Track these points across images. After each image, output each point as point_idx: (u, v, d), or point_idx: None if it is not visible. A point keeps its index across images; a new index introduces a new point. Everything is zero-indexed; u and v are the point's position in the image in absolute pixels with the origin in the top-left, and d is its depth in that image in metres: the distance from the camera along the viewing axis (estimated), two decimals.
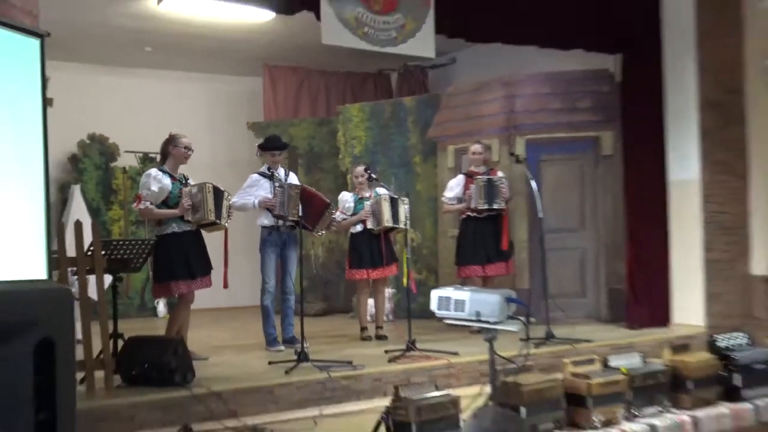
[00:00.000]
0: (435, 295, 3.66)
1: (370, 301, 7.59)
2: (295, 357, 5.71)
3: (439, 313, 3.67)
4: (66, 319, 1.16)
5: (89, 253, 5.38)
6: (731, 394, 5.29)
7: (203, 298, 6.79)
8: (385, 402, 4.24)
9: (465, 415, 4.08)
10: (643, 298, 7.42)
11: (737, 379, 5.33)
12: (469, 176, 7.46)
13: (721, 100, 7.49)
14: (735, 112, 7.60)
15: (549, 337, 6.45)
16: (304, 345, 5.85)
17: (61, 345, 1.13)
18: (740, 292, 7.50)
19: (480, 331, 3.92)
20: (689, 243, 7.40)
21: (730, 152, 7.54)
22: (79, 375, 4.94)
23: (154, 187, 6.16)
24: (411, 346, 6.12)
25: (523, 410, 4.31)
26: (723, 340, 5.57)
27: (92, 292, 5.53)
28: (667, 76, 7.59)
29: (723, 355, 5.41)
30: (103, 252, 5.47)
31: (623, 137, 7.74)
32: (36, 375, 1.10)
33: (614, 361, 5.02)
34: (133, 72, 10.82)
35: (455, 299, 3.51)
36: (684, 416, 4.95)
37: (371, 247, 7.25)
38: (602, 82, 8.30)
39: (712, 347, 5.51)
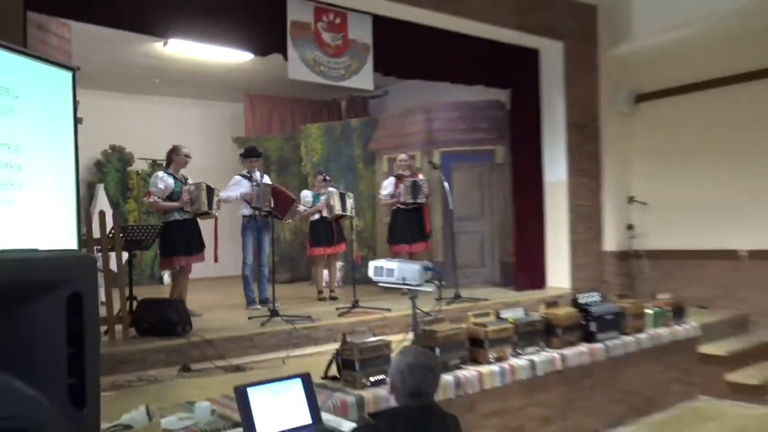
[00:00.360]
0: (372, 265, 3.66)
1: (325, 272, 7.58)
2: (268, 313, 5.68)
3: (375, 278, 3.67)
4: (91, 279, 1.16)
5: (110, 235, 5.28)
6: (588, 337, 5.30)
7: (199, 270, 6.71)
8: (336, 346, 4.24)
9: (394, 354, 4.12)
10: (526, 268, 7.49)
11: (593, 326, 5.33)
12: (398, 178, 7.48)
13: (582, 123, 7.62)
14: (592, 132, 7.73)
15: (457, 297, 6.50)
16: (275, 304, 5.83)
17: (87, 298, 1.13)
18: (595, 263, 7.65)
19: (406, 293, 3.94)
20: (559, 227, 7.50)
21: (588, 161, 7.66)
22: (103, 328, 4.86)
23: (161, 186, 6.08)
24: (355, 304, 6.15)
25: (437, 350, 4.34)
26: (582, 298, 5.57)
27: (112, 266, 5.44)
28: (543, 105, 7.66)
29: (582, 309, 5.40)
30: (121, 234, 5.37)
31: (511, 150, 7.82)
32: (68, 319, 1.10)
33: (504, 314, 4.97)
34: (144, 98, 10.60)
35: (387, 268, 3.52)
36: (554, 354, 4.93)
37: (326, 231, 7.24)
38: (496, 109, 8.39)
39: (575, 303, 5.50)
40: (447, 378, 4.26)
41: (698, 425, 5.37)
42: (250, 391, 2.89)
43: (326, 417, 3.15)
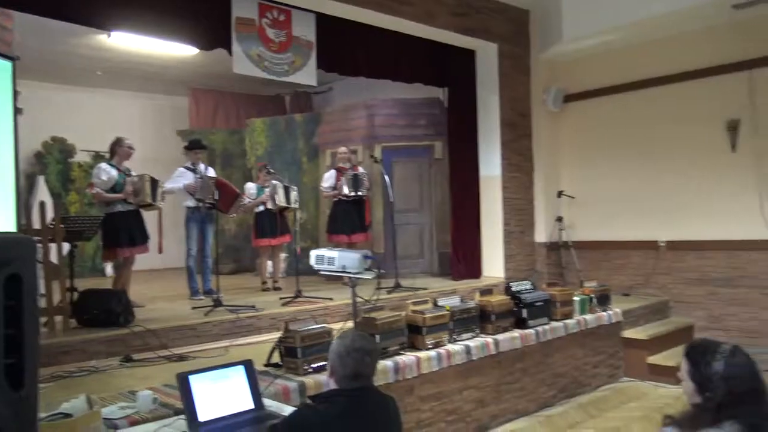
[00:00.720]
0: (313, 254, 3.64)
1: (269, 263, 7.51)
2: (212, 303, 5.60)
3: (316, 266, 3.65)
4: (30, 260, 1.12)
5: (51, 226, 5.09)
6: (520, 323, 5.38)
7: (143, 261, 6.55)
8: (279, 335, 4.22)
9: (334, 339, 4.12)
10: (463, 258, 7.56)
11: (524, 313, 5.42)
12: (339, 171, 7.48)
13: (515, 121, 7.75)
14: (524, 129, 7.87)
15: (397, 287, 6.53)
16: (219, 294, 5.76)
17: (26, 279, 1.10)
18: (527, 253, 7.81)
19: (348, 283, 3.93)
20: (493, 220, 7.59)
21: (520, 157, 7.80)
22: (42, 320, 4.69)
23: (104, 177, 5.90)
24: (298, 294, 6.11)
25: (377, 337, 4.37)
26: (515, 286, 5.64)
27: (53, 258, 5.25)
28: (479, 104, 7.73)
29: (515, 297, 5.48)
30: (62, 225, 5.18)
31: (449, 146, 7.89)
32: (6, 300, 1.06)
33: (441, 302, 5.01)
34: (88, 90, 10.25)
35: (328, 256, 3.51)
36: (488, 339, 5.02)
37: (271, 222, 7.16)
38: (435, 106, 8.45)
39: (508, 291, 5.59)
40: (387, 363, 4.30)
41: (621, 405, 5.58)
42: (191, 378, 2.85)
43: (268, 402, 3.14)
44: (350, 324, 4.49)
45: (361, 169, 7.52)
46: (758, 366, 1.98)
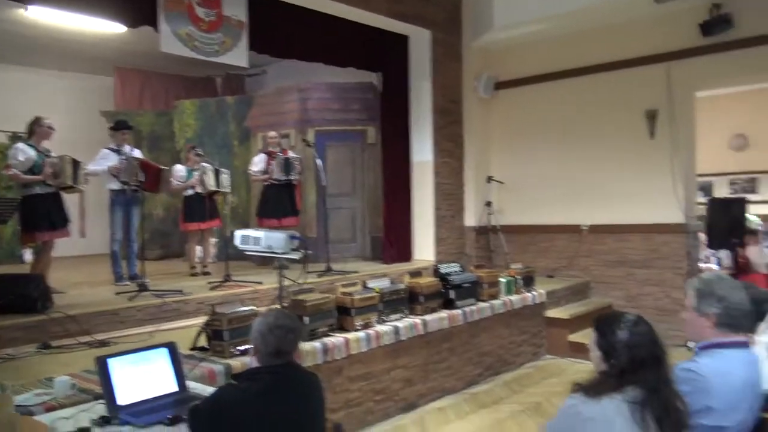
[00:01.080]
0: (238, 234, 3.61)
1: (199, 248, 7.37)
2: (137, 288, 5.45)
3: (242, 247, 3.62)
4: None
5: None
6: (448, 304, 5.49)
7: (65, 247, 6.31)
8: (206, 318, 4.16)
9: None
10: (394, 242, 7.62)
11: (452, 294, 5.53)
12: (269, 155, 7.38)
13: (447, 107, 7.85)
14: (455, 114, 7.98)
15: (328, 270, 6.54)
16: (145, 279, 5.61)
17: None
18: (457, 237, 7.95)
19: (279, 267, 3.90)
20: (425, 204, 7.69)
21: (452, 143, 7.92)
22: None
23: (21, 158, 5.62)
24: (227, 278, 6.04)
25: (306, 319, 4.38)
26: (443, 268, 5.76)
27: None
28: (411, 90, 7.77)
29: (443, 278, 5.58)
30: None
31: (382, 131, 7.92)
32: None
33: (371, 284, 5.08)
34: (3, 67, 9.72)
35: (253, 236, 3.49)
36: (417, 320, 5.11)
37: (200, 206, 7.01)
38: (368, 91, 8.43)
39: (436, 273, 5.70)
40: (315, 345, 4.32)
41: (543, 381, 5.80)
42: (110, 361, 2.79)
43: (193, 385, 3.11)
44: (278, 306, 4.48)
45: (291, 153, 7.45)
46: (659, 335, 2.09)
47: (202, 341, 4.06)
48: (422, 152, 7.71)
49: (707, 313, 2.41)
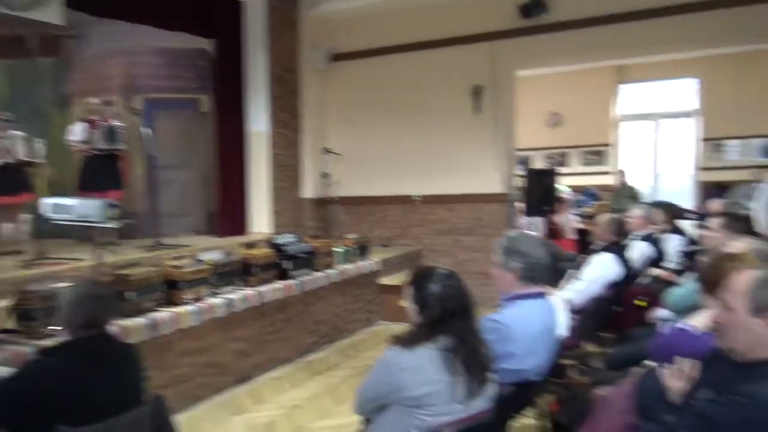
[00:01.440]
0: (48, 202, 3.33)
1: (8, 224, 6.66)
2: None
3: (53, 216, 3.35)
4: None
5: None
6: (283, 275, 5.48)
7: None
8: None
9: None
10: (229, 215, 7.42)
11: (288, 264, 5.53)
12: (90, 123, 6.83)
13: (283, 77, 7.75)
14: (292, 85, 7.91)
15: (158, 245, 6.23)
16: None
17: None
18: (294, 209, 7.93)
19: (106, 245, 3.64)
20: (261, 176, 7.59)
21: (288, 113, 7.84)
22: None
23: None
24: (41, 255, 5.52)
25: (132, 294, 4.18)
26: (278, 239, 5.75)
27: None
28: (247, 58, 7.56)
29: (279, 249, 5.56)
30: None
31: (216, 100, 7.59)
32: None
33: (203, 256, 4.97)
34: None
35: (65, 204, 3.24)
36: (251, 291, 5.05)
37: (8, 178, 6.32)
38: (202, 58, 7.99)
39: (271, 244, 5.68)
40: (140, 320, 4.14)
41: (376, 345, 6.02)
42: None
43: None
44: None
45: (113, 122, 6.93)
46: (468, 288, 2.26)
47: (11, 324, 3.73)
48: (258, 122, 7.58)
49: (512, 267, 2.65)
